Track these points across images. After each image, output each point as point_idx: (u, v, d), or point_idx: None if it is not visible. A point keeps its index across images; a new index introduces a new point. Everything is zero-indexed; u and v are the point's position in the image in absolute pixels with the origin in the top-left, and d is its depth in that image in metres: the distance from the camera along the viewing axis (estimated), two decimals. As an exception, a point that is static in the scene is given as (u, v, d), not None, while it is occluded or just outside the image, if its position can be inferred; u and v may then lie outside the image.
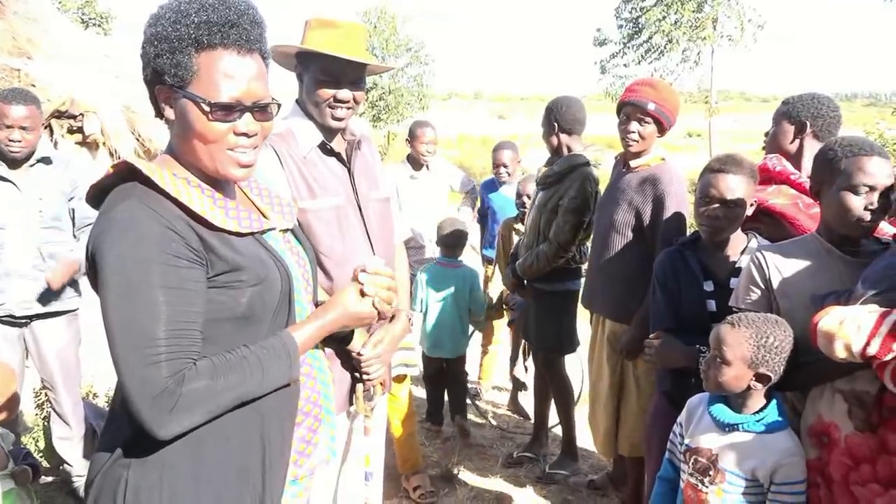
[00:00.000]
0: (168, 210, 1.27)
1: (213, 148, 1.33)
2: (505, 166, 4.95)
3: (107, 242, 1.22)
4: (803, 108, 2.54)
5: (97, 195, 1.34)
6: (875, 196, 1.87)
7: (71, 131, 5.58)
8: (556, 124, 3.54)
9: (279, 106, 1.41)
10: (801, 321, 1.81)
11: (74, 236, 3.31)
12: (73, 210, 3.28)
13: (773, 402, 1.90)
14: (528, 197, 4.15)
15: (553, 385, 3.87)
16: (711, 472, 1.89)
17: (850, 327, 1.63)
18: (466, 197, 5.25)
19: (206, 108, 1.30)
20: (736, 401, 1.91)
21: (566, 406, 3.83)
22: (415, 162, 4.80)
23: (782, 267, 1.99)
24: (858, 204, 1.87)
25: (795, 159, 2.56)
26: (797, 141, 2.55)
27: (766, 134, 2.72)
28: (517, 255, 3.84)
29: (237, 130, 1.34)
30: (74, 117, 5.50)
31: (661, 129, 3.00)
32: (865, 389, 1.75)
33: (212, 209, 1.32)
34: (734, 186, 2.27)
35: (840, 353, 1.64)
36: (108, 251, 1.22)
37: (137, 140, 6.20)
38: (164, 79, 1.30)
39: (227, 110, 1.31)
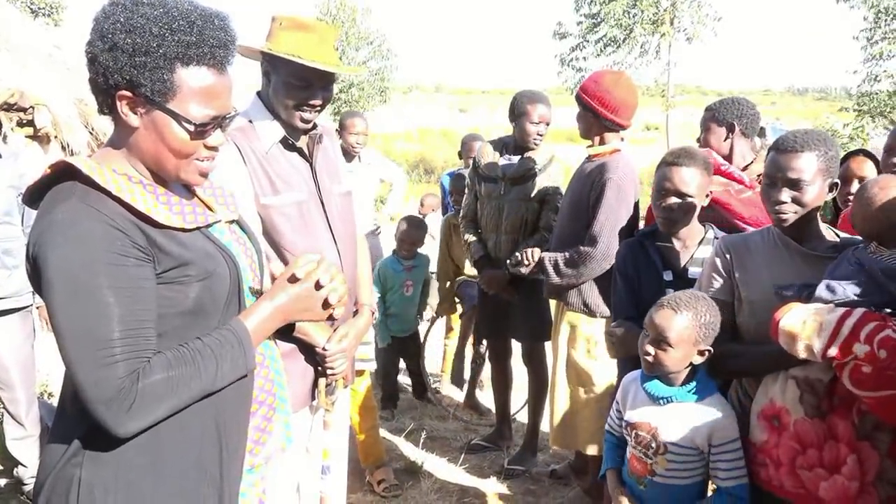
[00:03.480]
0: (110, 208, 1.24)
1: (183, 161, 1.33)
2: None
3: (49, 244, 1.19)
4: (728, 112, 2.87)
5: (34, 194, 1.30)
6: (778, 190, 1.89)
7: (21, 124, 5.42)
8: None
9: (236, 114, 1.41)
10: (763, 310, 1.85)
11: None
12: (24, 208, 3.20)
13: (699, 371, 1.97)
14: (461, 194, 4.17)
15: (538, 377, 3.85)
16: (654, 445, 1.96)
17: (812, 329, 1.67)
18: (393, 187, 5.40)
19: (191, 129, 1.29)
20: (668, 375, 1.97)
21: (540, 398, 3.83)
22: (345, 153, 4.75)
23: (745, 257, 2.02)
24: (766, 197, 1.93)
25: (727, 156, 2.87)
26: (728, 140, 2.88)
27: (698, 140, 3.00)
28: (489, 255, 3.74)
29: (208, 145, 1.34)
30: (24, 110, 5.35)
31: (597, 116, 3.06)
32: (818, 377, 1.79)
33: (155, 206, 1.30)
34: (688, 179, 2.33)
35: (802, 353, 1.69)
36: (52, 253, 1.18)
37: (91, 133, 6.05)
38: (141, 90, 1.26)
39: (207, 128, 1.32)
